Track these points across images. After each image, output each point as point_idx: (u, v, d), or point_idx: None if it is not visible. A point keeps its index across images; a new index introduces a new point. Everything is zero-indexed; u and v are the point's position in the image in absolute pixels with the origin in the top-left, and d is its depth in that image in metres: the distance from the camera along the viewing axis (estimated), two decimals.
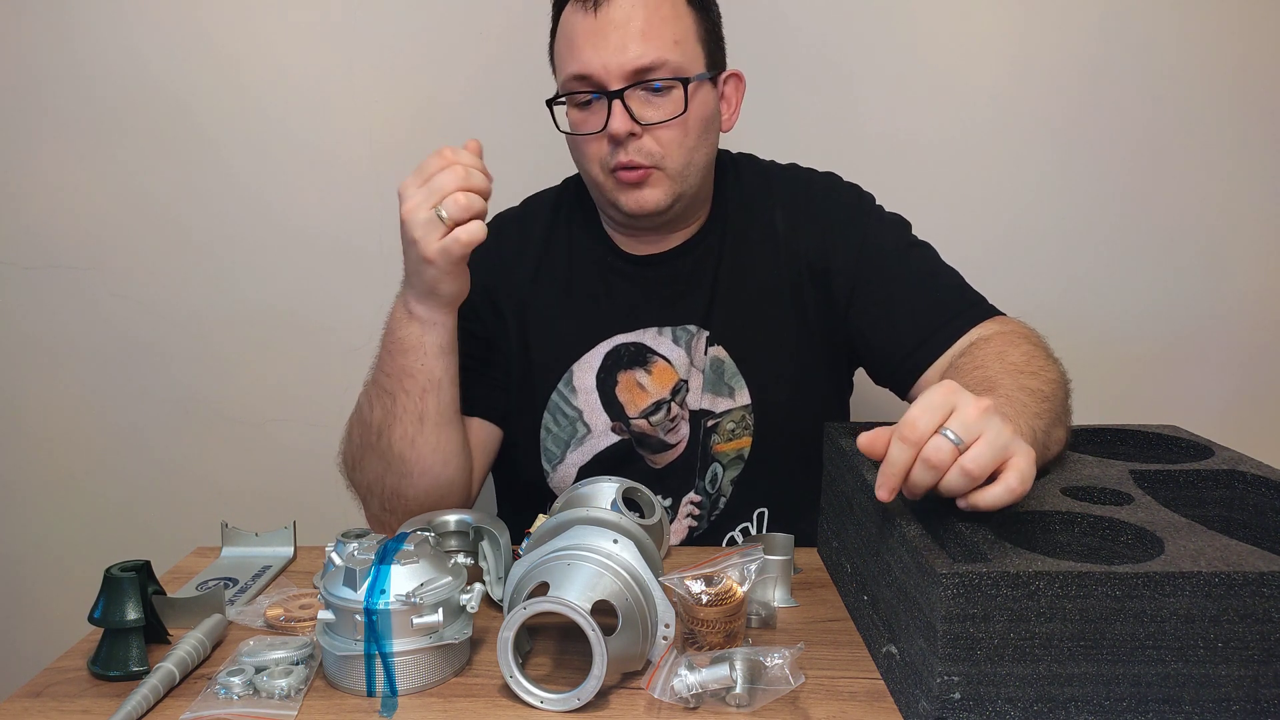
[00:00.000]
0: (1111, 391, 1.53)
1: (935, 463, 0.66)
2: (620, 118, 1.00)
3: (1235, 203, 1.52)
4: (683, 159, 1.04)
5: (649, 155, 1.02)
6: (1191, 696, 0.62)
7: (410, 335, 0.98)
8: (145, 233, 1.55)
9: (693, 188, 1.07)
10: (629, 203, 1.04)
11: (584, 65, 1.00)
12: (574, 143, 1.07)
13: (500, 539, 0.89)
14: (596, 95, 1.01)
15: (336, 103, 1.51)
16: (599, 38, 0.99)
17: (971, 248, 1.36)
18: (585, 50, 1.00)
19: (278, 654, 0.74)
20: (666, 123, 1.01)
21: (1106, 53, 1.47)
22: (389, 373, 0.99)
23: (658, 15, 1.01)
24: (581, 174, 1.11)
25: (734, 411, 1.11)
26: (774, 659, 0.70)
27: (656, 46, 1.00)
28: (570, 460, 1.12)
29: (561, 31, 1.04)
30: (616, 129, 1.00)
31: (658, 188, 1.04)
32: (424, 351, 0.97)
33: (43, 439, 1.63)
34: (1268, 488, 0.82)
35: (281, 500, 1.59)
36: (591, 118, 1.03)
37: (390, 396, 0.99)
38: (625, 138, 1.00)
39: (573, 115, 1.05)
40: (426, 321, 0.97)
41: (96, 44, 1.50)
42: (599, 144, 1.03)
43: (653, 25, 1.00)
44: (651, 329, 1.11)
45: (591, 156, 1.05)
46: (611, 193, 1.05)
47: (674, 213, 1.07)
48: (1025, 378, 0.87)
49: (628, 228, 1.12)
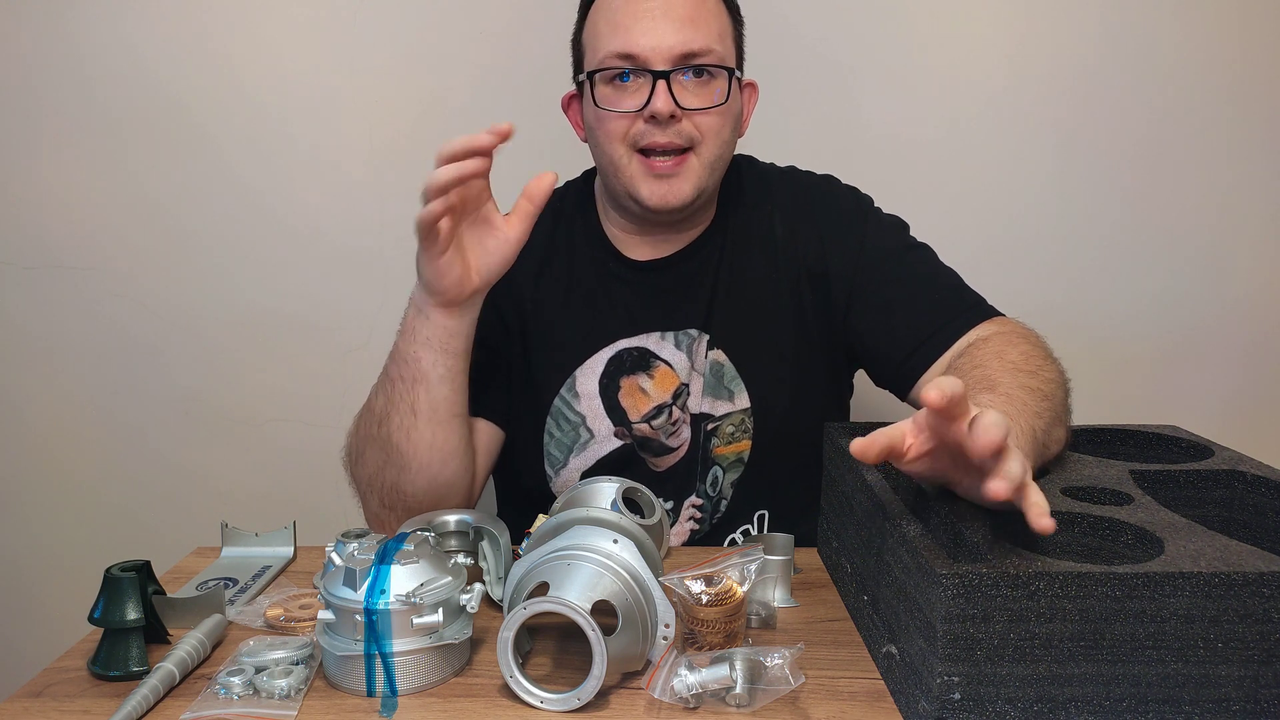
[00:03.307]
0: (1111, 391, 1.53)
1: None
2: (664, 97, 0.99)
3: (1235, 203, 1.52)
4: (717, 148, 1.04)
5: (687, 137, 1.01)
6: (1191, 696, 0.62)
7: (407, 318, 0.98)
8: (145, 233, 1.55)
9: (714, 184, 1.07)
10: (651, 195, 1.03)
11: (630, 44, 0.99)
12: (601, 120, 1.04)
13: (500, 539, 0.89)
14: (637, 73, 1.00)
15: (337, 103, 1.51)
16: (648, 17, 0.99)
17: (971, 248, 1.37)
18: (633, 29, 0.99)
19: (278, 654, 0.74)
20: (708, 110, 1.01)
21: (1106, 53, 1.47)
22: (392, 357, 1.00)
23: (704, 6, 1.02)
24: (600, 158, 1.08)
25: (733, 415, 1.11)
26: (774, 659, 0.70)
27: (705, 34, 1.00)
28: (573, 465, 1.12)
29: (601, 11, 1.03)
30: (660, 108, 0.99)
31: (688, 180, 1.03)
32: (414, 339, 0.97)
33: (43, 439, 1.63)
34: (1268, 488, 0.82)
35: (281, 500, 1.59)
36: (628, 97, 1.01)
37: (391, 384, 0.99)
38: (666, 119, 1.00)
39: (604, 92, 1.03)
40: (419, 307, 0.96)
41: (96, 44, 1.50)
42: (631, 122, 1.01)
43: (701, 14, 1.01)
44: (654, 334, 1.11)
45: (619, 136, 1.03)
46: (633, 180, 1.03)
47: (692, 209, 1.07)
48: (1024, 377, 0.87)
49: (639, 221, 1.11)
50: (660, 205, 1.03)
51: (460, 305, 0.95)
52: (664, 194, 1.03)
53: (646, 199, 1.03)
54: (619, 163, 1.04)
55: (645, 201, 1.03)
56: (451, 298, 0.94)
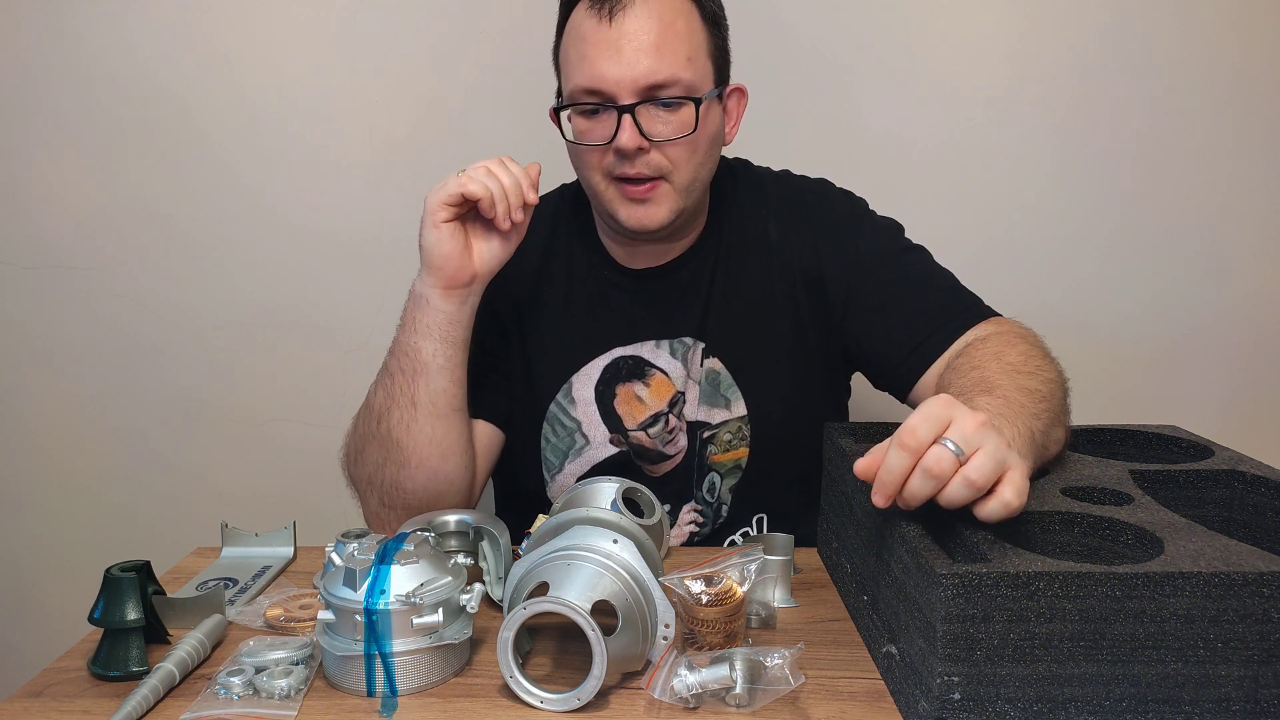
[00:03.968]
0: (1111, 391, 1.53)
1: (936, 472, 0.66)
2: (629, 132, 0.98)
3: (1235, 203, 1.52)
4: (689, 175, 1.03)
5: (656, 168, 1.01)
6: (1191, 696, 0.62)
7: (406, 311, 0.99)
8: (145, 233, 1.55)
9: (694, 203, 1.07)
10: (629, 218, 1.03)
11: (595, 78, 0.98)
12: (576, 151, 1.05)
13: (500, 539, 0.89)
14: (604, 107, 0.99)
15: (337, 103, 1.51)
16: (612, 49, 0.97)
17: (971, 248, 1.37)
18: (598, 62, 0.98)
19: (278, 654, 0.74)
20: (676, 140, 1.00)
21: (1106, 53, 1.47)
22: (391, 351, 1.01)
23: (672, 30, 0.98)
24: (582, 182, 1.09)
25: (730, 423, 1.11)
26: (774, 659, 0.70)
27: (670, 63, 0.98)
28: (569, 470, 1.12)
29: (571, 36, 1.02)
30: (625, 143, 0.98)
31: (662, 204, 1.02)
32: (414, 329, 0.98)
33: (43, 439, 1.63)
34: (1268, 488, 0.82)
35: (281, 500, 1.59)
36: (598, 128, 1.01)
37: (390, 378, 1.00)
38: (634, 152, 0.99)
39: (578, 123, 1.03)
40: (419, 296, 0.98)
41: (96, 44, 1.50)
42: (603, 154, 1.02)
43: (666, 41, 0.98)
44: (649, 342, 1.11)
45: (594, 165, 1.03)
46: (611, 204, 1.04)
47: (673, 228, 1.07)
48: (1023, 378, 0.86)
49: (626, 239, 1.11)
50: (637, 227, 1.03)
51: (461, 290, 0.98)
52: (640, 217, 1.03)
53: (625, 221, 1.04)
54: (597, 189, 1.05)
55: (624, 224, 1.04)
56: (452, 276, 0.97)
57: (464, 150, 1.51)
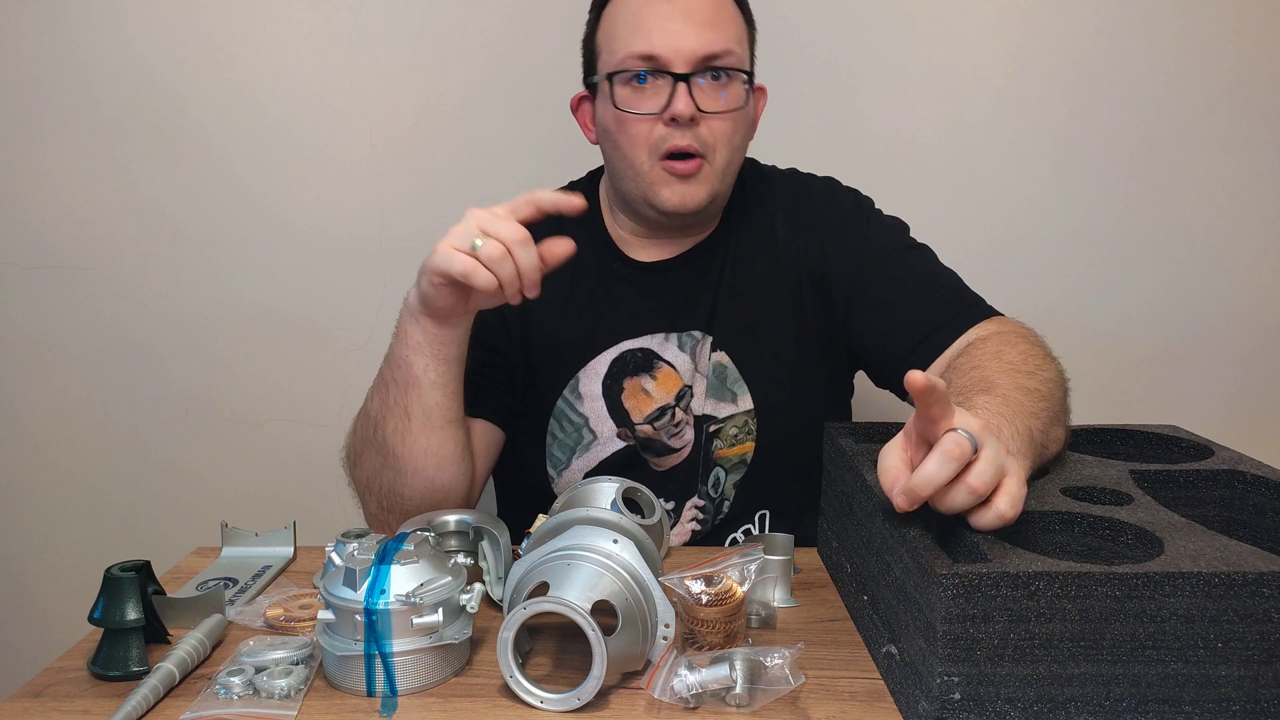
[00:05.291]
0: (1111, 391, 1.53)
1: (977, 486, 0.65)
2: (684, 99, 0.99)
3: (1235, 203, 1.52)
4: (727, 155, 1.04)
5: (702, 142, 1.01)
6: (1191, 696, 0.62)
7: (400, 321, 0.97)
8: (145, 233, 1.55)
9: (727, 190, 1.07)
10: (671, 197, 1.03)
11: (651, 45, 0.99)
12: (622, 124, 1.03)
13: (500, 539, 0.89)
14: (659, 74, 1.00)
15: (337, 103, 1.51)
16: (670, 19, 0.99)
17: (971, 248, 1.37)
18: (654, 31, 0.99)
19: (278, 654, 0.74)
20: (724, 113, 1.01)
21: (1106, 53, 1.47)
22: (386, 359, 0.99)
23: (726, 10, 1.03)
24: (619, 163, 1.06)
25: (736, 417, 1.11)
26: (774, 659, 0.70)
27: (725, 36, 1.01)
28: (576, 466, 1.12)
29: (621, 8, 1.03)
30: (681, 110, 0.98)
31: (703, 185, 1.03)
32: (406, 343, 0.96)
33: (43, 439, 1.63)
34: (1268, 488, 0.82)
35: (281, 500, 1.59)
36: (646, 100, 1.01)
37: (385, 387, 0.99)
38: (686, 121, 1.00)
39: (623, 94, 1.02)
40: (412, 312, 0.96)
41: (96, 44, 1.50)
42: (649, 126, 1.01)
43: (721, 17, 1.01)
44: (658, 335, 1.11)
45: (640, 139, 1.02)
46: (654, 184, 1.03)
47: (706, 214, 1.07)
48: (1023, 377, 0.86)
49: (649, 224, 1.10)
50: (678, 207, 1.03)
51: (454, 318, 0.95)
52: (683, 195, 1.03)
53: (665, 201, 1.03)
54: (639, 168, 1.03)
55: (664, 205, 1.03)
56: (445, 317, 0.94)
57: (464, 150, 1.52)
